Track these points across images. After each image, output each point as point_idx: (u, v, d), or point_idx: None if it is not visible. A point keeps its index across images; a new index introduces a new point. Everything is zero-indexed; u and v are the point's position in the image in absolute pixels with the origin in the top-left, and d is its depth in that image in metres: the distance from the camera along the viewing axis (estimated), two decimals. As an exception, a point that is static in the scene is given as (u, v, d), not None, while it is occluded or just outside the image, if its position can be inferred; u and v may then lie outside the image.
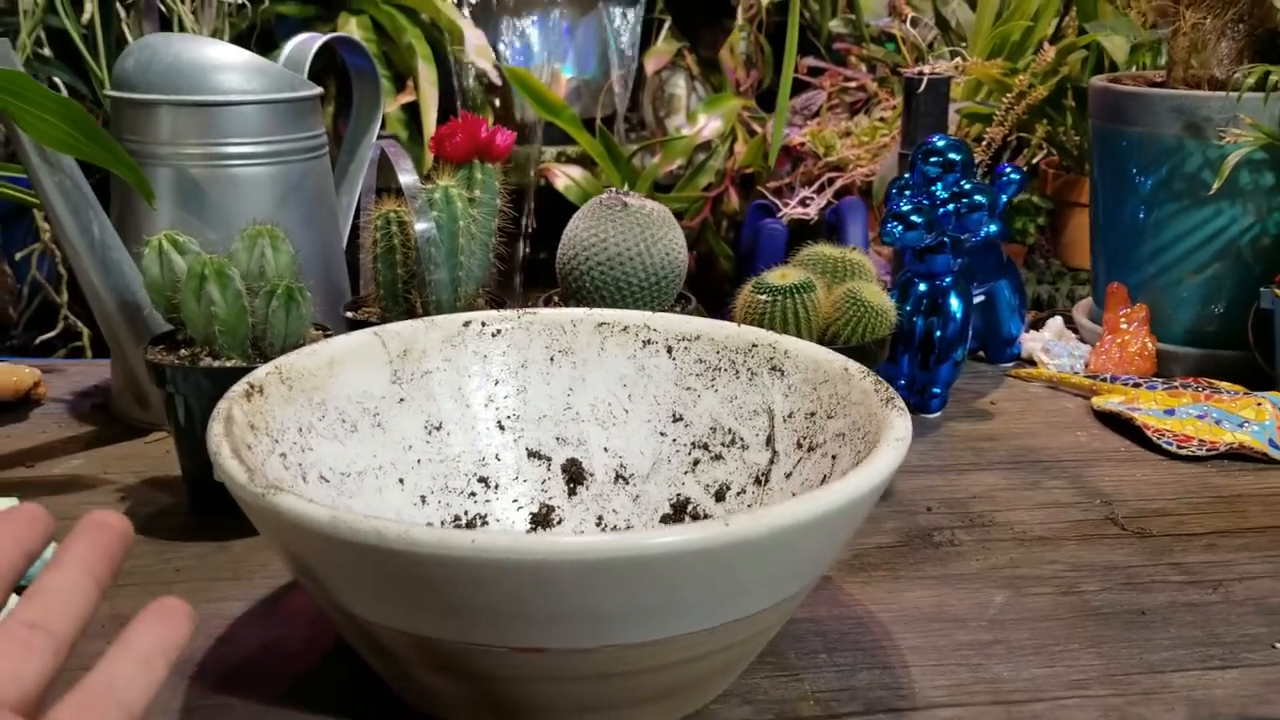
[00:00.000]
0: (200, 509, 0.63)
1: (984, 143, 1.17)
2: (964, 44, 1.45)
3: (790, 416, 0.55)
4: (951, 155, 0.75)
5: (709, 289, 1.71)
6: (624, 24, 1.79)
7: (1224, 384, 0.79)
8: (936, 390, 0.78)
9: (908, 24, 1.46)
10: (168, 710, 0.46)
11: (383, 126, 1.10)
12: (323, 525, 0.37)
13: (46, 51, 1.02)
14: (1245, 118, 0.79)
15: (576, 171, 1.65)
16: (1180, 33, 0.88)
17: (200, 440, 0.61)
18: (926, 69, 1.04)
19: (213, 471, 0.61)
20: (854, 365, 0.53)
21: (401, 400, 0.56)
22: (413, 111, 1.54)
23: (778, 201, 1.35)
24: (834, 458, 0.51)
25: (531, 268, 1.74)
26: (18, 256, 1.09)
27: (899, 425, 0.46)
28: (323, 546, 0.38)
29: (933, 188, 0.75)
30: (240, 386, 0.49)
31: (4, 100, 0.59)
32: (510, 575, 0.36)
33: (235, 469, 0.41)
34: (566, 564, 0.36)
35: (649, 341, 0.60)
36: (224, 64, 0.71)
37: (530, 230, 1.67)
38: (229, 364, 0.60)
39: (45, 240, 1.10)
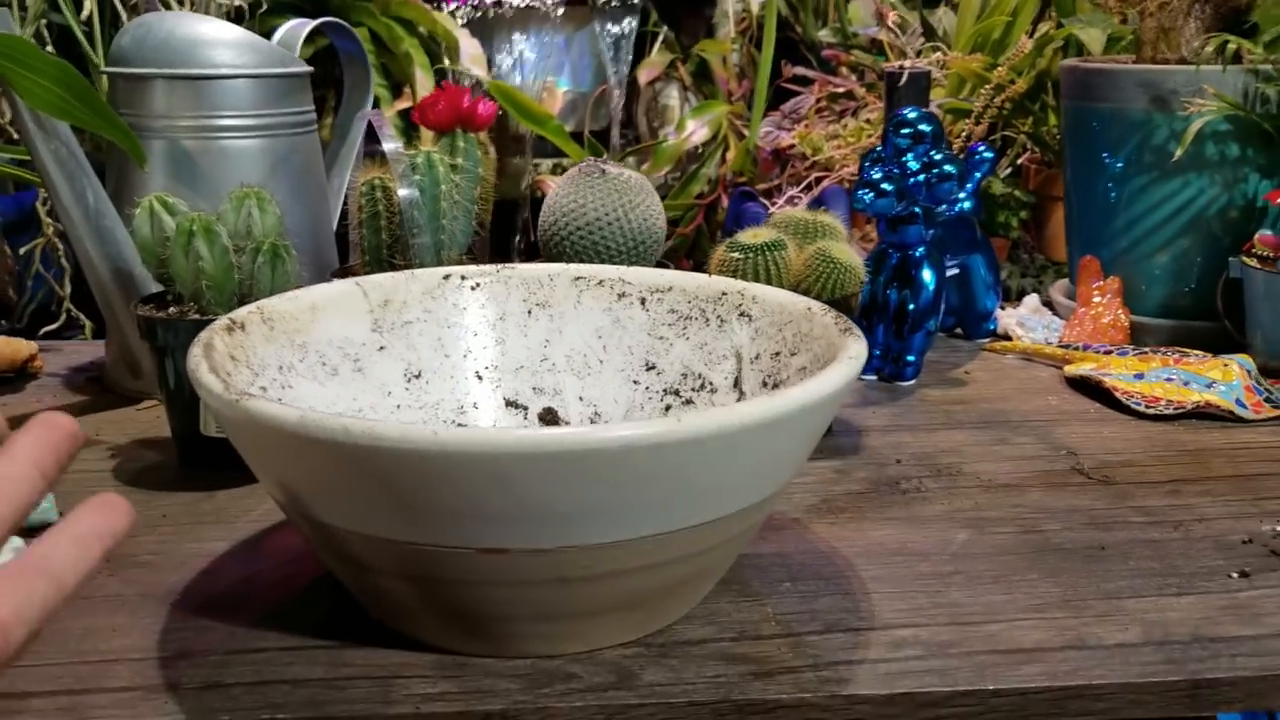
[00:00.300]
0: (189, 464, 0.65)
1: (965, 136, 1.19)
2: (949, 48, 1.48)
3: (757, 358, 0.56)
4: (922, 127, 0.77)
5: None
6: (617, 37, 1.83)
7: (1193, 351, 0.81)
8: (911, 359, 0.80)
9: (893, 29, 1.49)
10: (149, 631, 0.48)
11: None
12: (292, 424, 0.39)
13: (49, 49, 1.05)
14: (1209, 88, 0.81)
15: (571, 178, 1.67)
16: (1148, 14, 0.91)
17: (189, 397, 0.63)
18: (907, 63, 1.06)
19: (200, 425, 0.63)
20: (816, 305, 0.55)
21: (381, 348, 0.58)
22: (409, 118, 1.57)
23: (764, 200, 1.37)
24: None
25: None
26: (22, 251, 1.12)
27: (853, 347, 0.47)
28: (293, 446, 0.40)
29: (904, 158, 0.77)
30: (222, 321, 0.51)
31: (4, 66, 0.62)
32: (470, 466, 0.38)
33: (212, 381, 0.43)
34: (523, 455, 0.38)
35: (624, 294, 0.62)
36: (216, 40, 0.74)
37: (523, 244, 1.70)
38: (216, 318, 0.62)
39: (49, 234, 1.13)
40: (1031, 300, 0.93)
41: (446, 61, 1.59)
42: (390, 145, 0.69)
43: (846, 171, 1.40)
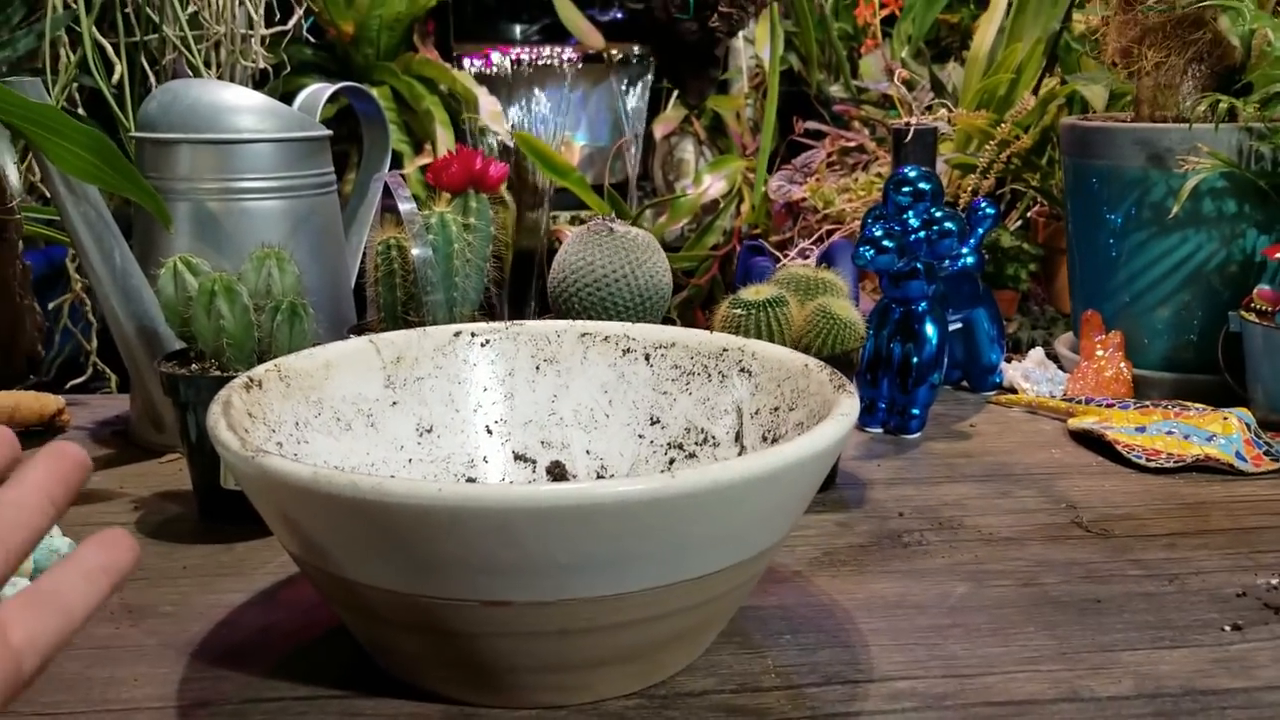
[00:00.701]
0: (209, 516, 0.67)
1: (972, 191, 1.21)
2: (957, 104, 1.51)
3: (757, 413, 0.58)
4: (921, 185, 0.79)
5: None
6: (633, 93, 1.87)
7: (1194, 405, 0.82)
8: (915, 412, 0.81)
9: (902, 86, 1.52)
10: (169, 680, 0.49)
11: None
12: (304, 480, 0.41)
13: (81, 112, 1.09)
14: (1203, 146, 0.83)
15: (586, 231, 1.70)
16: (1144, 73, 0.93)
17: (209, 451, 0.65)
18: (914, 120, 1.09)
19: (220, 479, 0.65)
20: (813, 361, 0.56)
21: (394, 403, 0.60)
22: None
23: (776, 253, 1.40)
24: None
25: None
26: (51, 306, 1.15)
27: (845, 404, 0.49)
28: (306, 501, 0.42)
29: (905, 215, 0.79)
30: (240, 379, 0.53)
31: (36, 134, 0.65)
32: (473, 521, 0.39)
33: (229, 438, 0.45)
34: (524, 510, 0.39)
35: (628, 350, 0.63)
36: (239, 106, 0.77)
37: (540, 291, 1.72)
38: (236, 375, 0.64)
39: (76, 290, 1.16)
40: (1036, 353, 0.95)
41: (466, 117, 1.63)
42: (405, 206, 0.71)
43: (856, 224, 1.42)
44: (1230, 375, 0.83)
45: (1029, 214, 1.39)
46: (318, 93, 0.85)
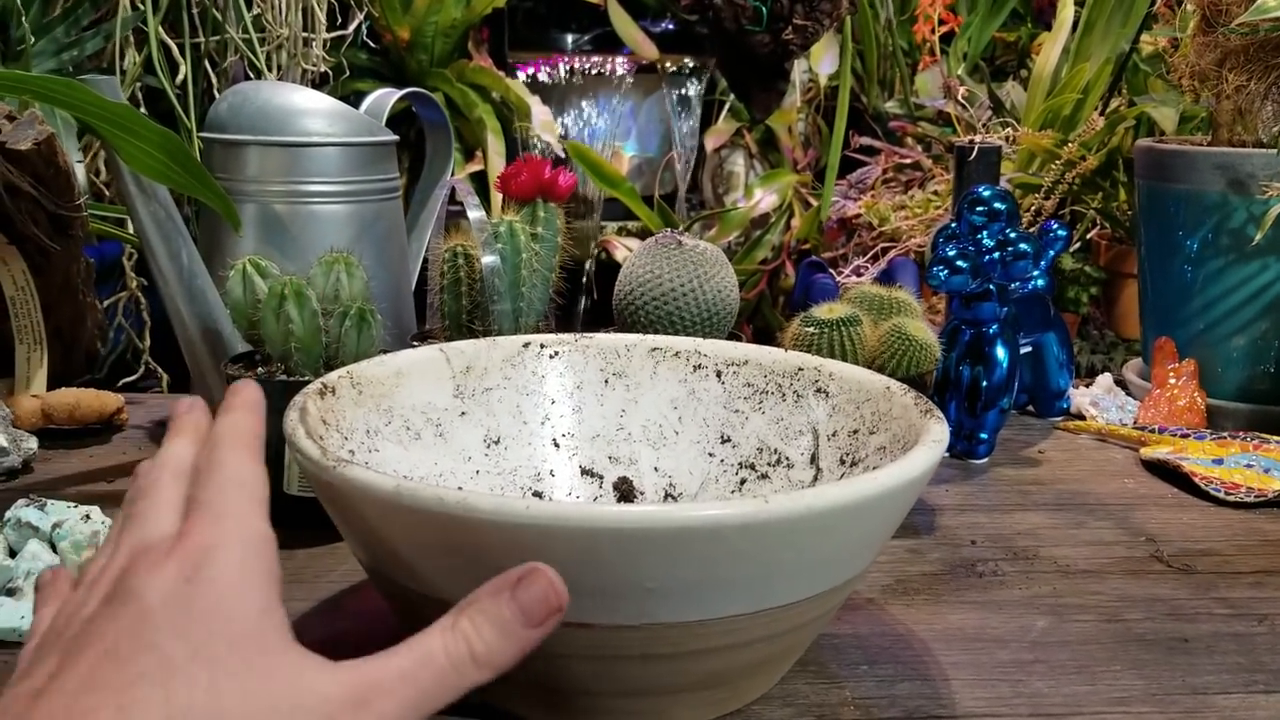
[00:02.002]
0: (270, 521, 0.66)
1: (1034, 211, 1.19)
2: (1016, 121, 1.49)
3: (834, 435, 0.57)
4: (997, 205, 0.77)
5: (763, 359, 1.74)
6: (685, 105, 1.86)
7: (1273, 436, 0.80)
8: (984, 436, 0.79)
9: (962, 103, 1.50)
10: (232, 690, 0.48)
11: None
12: (387, 493, 0.40)
13: (143, 110, 1.09)
14: (1290, 174, 0.81)
15: (635, 243, 1.69)
16: (1224, 96, 0.90)
17: (273, 456, 0.65)
18: (977, 138, 1.07)
19: (283, 484, 0.65)
20: (895, 383, 0.55)
21: (463, 414, 0.59)
22: (481, 180, 1.60)
23: (831, 271, 1.38)
24: (875, 469, 0.52)
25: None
26: (105, 304, 1.15)
27: (936, 430, 0.47)
28: (387, 514, 0.41)
29: (978, 235, 0.77)
30: (314, 386, 0.52)
31: (109, 132, 0.64)
32: (561, 541, 0.38)
33: (310, 446, 0.44)
34: (614, 531, 0.38)
35: (699, 366, 0.62)
36: (308, 109, 0.76)
37: (589, 303, 1.72)
38: (303, 379, 0.64)
39: (132, 288, 1.16)
40: (1104, 380, 0.92)
41: (518, 125, 1.62)
42: (475, 214, 0.71)
43: (914, 243, 1.40)
44: (1311, 409, 0.81)
45: (1089, 236, 1.37)
46: (384, 97, 0.84)
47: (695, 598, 0.41)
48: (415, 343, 0.74)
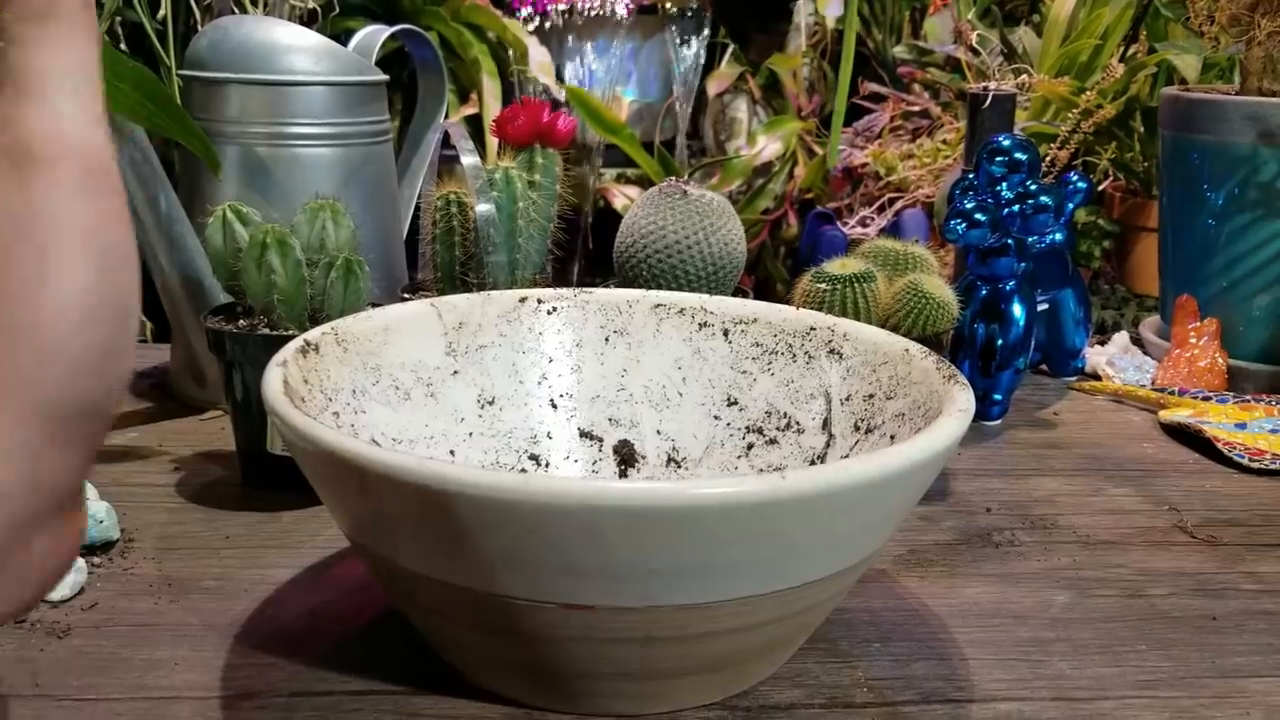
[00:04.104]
0: (253, 482, 0.63)
1: (1048, 160, 1.15)
2: (1030, 68, 1.44)
3: (848, 399, 0.53)
4: (1018, 155, 0.73)
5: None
6: (687, 48, 1.80)
7: (1299, 400, 0.77)
8: (998, 397, 0.76)
9: (973, 49, 1.45)
10: (212, 666, 0.46)
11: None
12: (373, 462, 0.37)
13: (123, 47, 1.04)
14: (1325, 127, 0.77)
15: (634, 191, 1.65)
16: (1255, 43, 0.86)
17: (255, 413, 0.62)
18: (991, 85, 1.03)
19: (266, 443, 0.62)
20: (915, 346, 0.52)
21: (455, 372, 0.56)
22: (475, 123, 1.56)
23: (838, 222, 1.34)
24: (892, 437, 0.49)
25: (588, 285, 1.75)
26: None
27: (961, 398, 0.44)
28: (373, 485, 0.38)
29: (997, 188, 0.74)
30: (296, 343, 0.49)
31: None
32: (561, 519, 0.35)
33: (287, 410, 0.40)
34: (618, 510, 0.35)
35: (705, 324, 0.59)
36: (293, 45, 0.72)
37: (587, 254, 1.68)
38: (287, 333, 0.60)
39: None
40: (1121, 338, 0.89)
41: (514, 68, 1.57)
42: (469, 159, 0.67)
43: (921, 193, 1.36)
44: (1337, 371, 0.78)
45: (1102, 187, 1.33)
46: (373, 34, 0.80)
47: (703, 579, 0.38)
48: (406, 295, 0.71)
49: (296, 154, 0.72)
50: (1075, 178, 0.83)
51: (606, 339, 0.59)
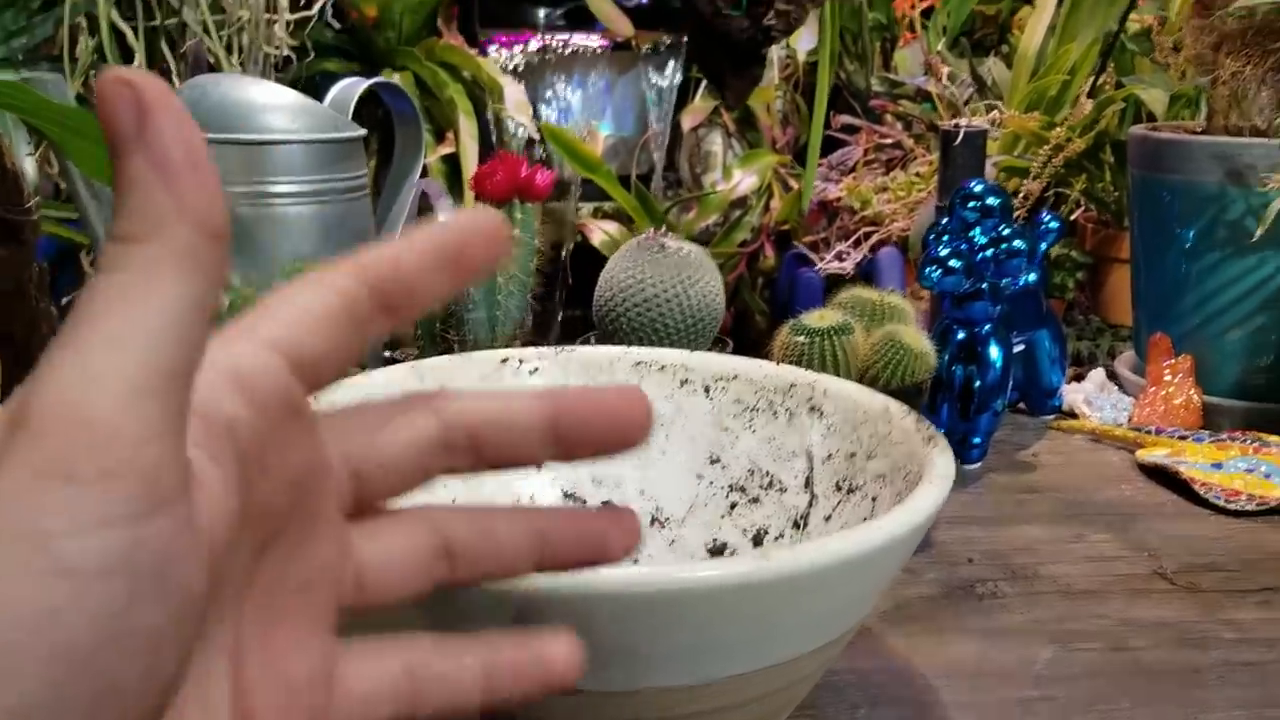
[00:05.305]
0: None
1: (1021, 195, 1.16)
2: (1000, 101, 1.46)
3: (829, 458, 0.54)
4: (990, 200, 0.74)
5: (745, 344, 1.71)
6: (662, 82, 1.81)
7: (1272, 437, 0.78)
8: (976, 440, 0.77)
9: (944, 81, 1.47)
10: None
11: (423, 174, 1.11)
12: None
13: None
14: (1290, 166, 0.78)
15: (612, 226, 1.65)
16: (1220, 82, 0.88)
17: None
18: (963, 122, 1.04)
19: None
20: (895, 404, 0.52)
21: (437, 437, 0.56)
22: (453, 163, 1.56)
23: (813, 255, 1.35)
24: (874, 499, 0.49)
25: (568, 322, 1.75)
26: (64, 301, 1.11)
27: (941, 463, 0.45)
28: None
29: (970, 233, 0.74)
30: (277, 418, 0.49)
31: (58, 134, 0.60)
32: (547, 609, 0.35)
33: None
34: (603, 598, 0.35)
35: (686, 381, 0.59)
36: (270, 104, 0.72)
37: (566, 285, 1.68)
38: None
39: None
40: (1097, 375, 0.90)
41: (491, 108, 1.58)
42: (446, 217, 0.67)
43: (896, 226, 1.37)
44: (1310, 408, 0.79)
45: (1074, 218, 1.34)
46: (350, 88, 0.80)
47: (690, 660, 0.38)
48: (386, 352, 0.71)
49: (276, 212, 0.72)
50: (1048, 217, 0.85)
51: (588, 398, 0.59)
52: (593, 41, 1.78)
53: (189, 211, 0.21)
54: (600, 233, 1.66)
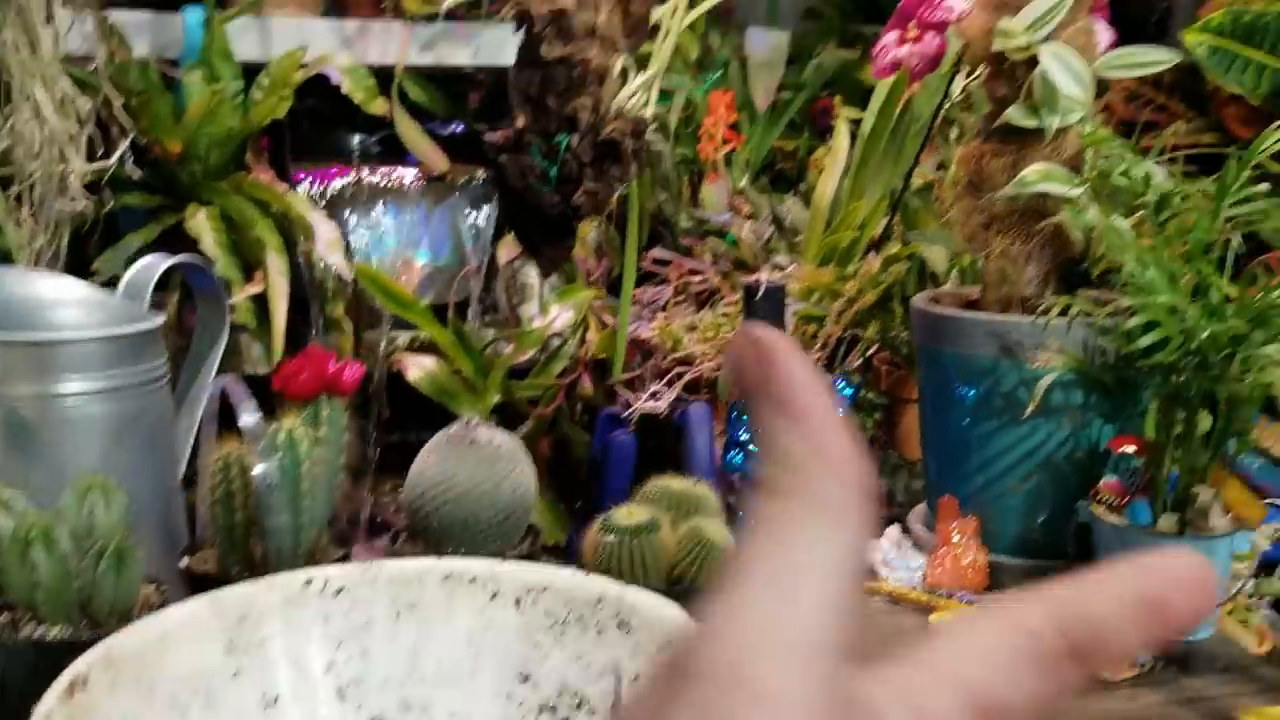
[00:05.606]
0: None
1: (818, 343, 1.23)
2: (799, 238, 1.55)
3: (636, 678, 0.55)
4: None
5: (565, 474, 1.72)
6: (479, 221, 1.83)
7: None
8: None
9: (745, 224, 1.54)
10: None
11: (231, 312, 1.08)
12: None
13: None
14: (1053, 342, 0.86)
15: (429, 361, 1.65)
16: (990, 257, 0.96)
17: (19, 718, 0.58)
18: (764, 277, 1.10)
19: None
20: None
21: (235, 674, 0.54)
22: (261, 303, 1.53)
23: (630, 395, 1.38)
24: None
25: (384, 454, 1.72)
26: None
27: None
28: None
29: (772, 418, 0.78)
30: (62, 682, 0.46)
31: None
32: None
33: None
34: None
35: (496, 594, 0.59)
36: (59, 299, 0.70)
37: (381, 420, 1.66)
38: (53, 632, 0.57)
39: None
40: (893, 532, 0.95)
41: (301, 248, 1.56)
42: (249, 419, 0.66)
43: (707, 366, 1.42)
44: (1083, 565, 0.85)
45: (869, 355, 1.42)
46: (145, 271, 0.78)
47: None
48: (184, 560, 0.68)
49: (66, 414, 0.69)
50: (841, 384, 0.90)
51: (398, 614, 0.59)
52: (408, 175, 1.79)
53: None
54: (416, 368, 1.65)
